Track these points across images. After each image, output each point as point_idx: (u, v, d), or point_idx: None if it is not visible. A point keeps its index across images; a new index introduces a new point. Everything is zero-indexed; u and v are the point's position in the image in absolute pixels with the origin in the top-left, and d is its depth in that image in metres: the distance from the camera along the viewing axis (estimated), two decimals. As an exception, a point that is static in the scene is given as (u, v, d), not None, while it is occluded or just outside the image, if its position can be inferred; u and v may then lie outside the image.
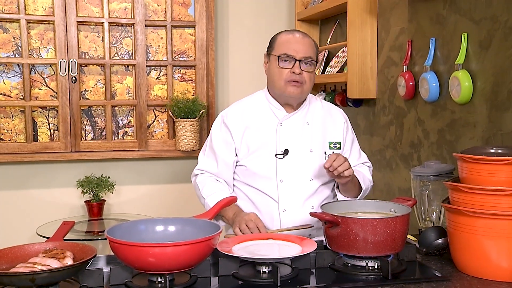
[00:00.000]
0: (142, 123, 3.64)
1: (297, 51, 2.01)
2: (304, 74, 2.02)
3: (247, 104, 2.17)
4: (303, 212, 2.04)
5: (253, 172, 2.08)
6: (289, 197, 2.05)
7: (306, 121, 2.11)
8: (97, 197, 3.47)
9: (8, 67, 3.46)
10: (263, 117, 2.11)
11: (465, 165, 1.61)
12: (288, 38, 2.05)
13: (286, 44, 2.03)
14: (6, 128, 3.49)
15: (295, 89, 2.03)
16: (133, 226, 1.64)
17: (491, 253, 1.53)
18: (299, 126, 2.09)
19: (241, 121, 2.11)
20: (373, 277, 1.57)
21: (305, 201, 2.06)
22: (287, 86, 2.03)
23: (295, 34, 2.06)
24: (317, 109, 2.16)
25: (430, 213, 1.97)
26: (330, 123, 2.16)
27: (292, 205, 2.05)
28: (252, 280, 1.54)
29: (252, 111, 2.13)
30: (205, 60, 3.70)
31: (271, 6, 3.84)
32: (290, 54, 2.01)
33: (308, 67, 2.02)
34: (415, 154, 2.55)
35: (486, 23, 2.05)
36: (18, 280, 1.36)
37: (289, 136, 2.06)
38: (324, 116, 2.16)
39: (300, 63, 2.01)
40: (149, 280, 1.50)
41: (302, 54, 2.01)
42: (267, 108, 2.12)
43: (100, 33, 3.58)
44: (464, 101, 2.15)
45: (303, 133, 2.09)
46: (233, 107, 2.18)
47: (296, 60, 2.00)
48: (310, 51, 2.03)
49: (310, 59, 2.02)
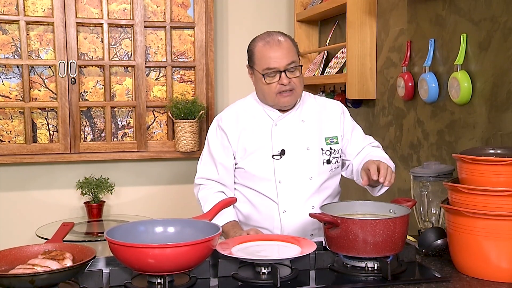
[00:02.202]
0: (141, 124, 3.64)
1: (279, 61, 1.96)
2: (293, 80, 2.00)
3: (240, 106, 2.15)
4: (304, 212, 2.03)
5: (251, 174, 2.08)
6: (289, 197, 2.05)
7: (301, 119, 2.09)
8: (97, 198, 3.47)
9: (7, 69, 3.46)
10: (258, 119, 2.10)
11: (465, 166, 1.61)
12: (266, 50, 1.98)
13: (266, 56, 1.98)
14: (6, 129, 3.49)
15: (288, 99, 2.02)
16: (133, 227, 1.64)
17: (491, 253, 1.53)
18: (294, 125, 2.08)
19: (236, 124, 2.10)
20: (373, 278, 1.57)
21: (306, 201, 2.05)
22: (279, 98, 2.02)
23: (271, 42, 1.99)
24: (312, 106, 2.14)
25: (430, 214, 1.97)
26: (325, 118, 2.12)
27: (292, 205, 2.05)
28: (251, 281, 1.54)
29: (246, 114, 2.12)
30: (205, 61, 3.70)
31: (271, 7, 3.84)
32: (273, 68, 1.97)
33: (294, 73, 1.99)
34: (415, 155, 2.55)
35: (485, 24, 2.05)
36: (18, 282, 1.36)
37: (285, 136, 2.05)
38: (319, 111, 2.13)
39: (286, 72, 1.98)
40: (148, 282, 1.50)
41: (284, 62, 1.97)
42: (261, 110, 2.11)
43: (99, 34, 3.58)
44: (463, 102, 2.15)
45: (298, 132, 2.07)
46: (227, 110, 2.17)
47: (281, 72, 1.97)
48: (291, 55, 1.99)
49: (294, 63, 1.99)
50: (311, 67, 3.51)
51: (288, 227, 2.04)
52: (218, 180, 2.13)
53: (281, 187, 2.04)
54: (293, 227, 2.03)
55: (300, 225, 2.04)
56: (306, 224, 2.04)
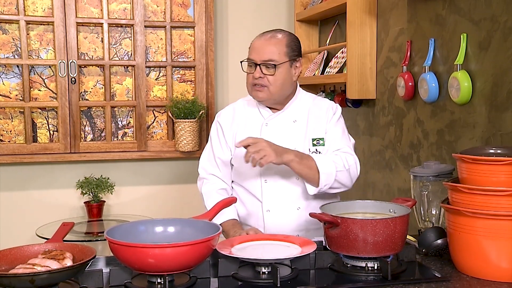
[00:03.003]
0: (141, 124, 3.64)
1: (258, 55, 2.01)
2: (268, 77, 2.01)
3: (239, 104, 2.20)
4: (288, 213, 2.04)
5: (239, 172, 2.11)
6: (274, 197, 2.05)
7: (293, 119, 2.10)
8: (97, 198, 3.47)
9: (7, 68, 3.46)
10: (251, 117, 2.13)
11: (465, 166, 1.61)
12: (254, 42, 2.05)
13: (251, 48, 2.05)
14: (6, 129, 3.49)
15: (258, 93, 2.04)
16: (133, 227, 1.64)
17: (491, 253, 1.53)
18: (285, 125, 2.08)
19: (232, 120, 2.14)
20: (373, 278, 1.57)
21: (291, 202, 2.05)
22: (252, 90, 2.05)
23: (263, 35, 2.05)
24: (306, 106, 2.12)
25: (430, 213, 1.97)
26: (315, 119, 2.09)
27: (276, 205, 2.05)
28: (251, 281, 1.54)
29: (242, 111, 2.16)
30: (205, 61, 3.70)
31: (271, 7, 3.84)
32: (251, 59, 2.03)
33: (269, 70, 2.00)
34: (415, 154, 2.55)
35: (485, 24, 2.05)
36: (18, 281, 1.36)
37: (274, 135, 2.04)
38: (312, 112, 2.11)
39: (261, 67, 2.00)
40: (148, 281, 1.50)
41: (261, 58, 2.00)
42: (255, 108, 2.14)
43: (99, 34, 3.57)
44: (463, 102, 2.15)
45: (288, 132, 2.07)
46: (227, 107, 2.22)
47: (257, 65, 2.01)
48: (272, 54, 2.00)
49: (270, 62, 2.00)
50: (311, 67, 3.51)
51: (271, 226, 2.04)
52: (220, 177, 2.16)
53: (266, 186, 2.05)
54: (276, 227, 2.02)
55: (284, 226, 2.03)
56: (290, 225, 2.04)
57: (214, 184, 2.15)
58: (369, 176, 2.99)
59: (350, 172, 2.00)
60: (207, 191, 2.15)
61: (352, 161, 2.02)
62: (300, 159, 1.92)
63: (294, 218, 2.05)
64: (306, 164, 1.93)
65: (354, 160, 2.03)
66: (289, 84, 2.06)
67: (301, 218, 2.05)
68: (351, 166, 2.00)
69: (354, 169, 2.02)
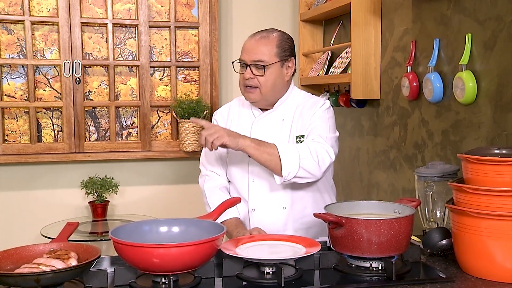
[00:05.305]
0: (146, 124, 3.65)
1: (248, 55, 2.01)
2: (258, 78, 2.00)
3: (235, 102, 2.22)
4: (273, 212, 2.04)
5: (231, 170, 2.13)
6: (259, 196, 2.06)
7: (282, 118, 2.09)
8: (101, 198, 3.48)
9: (12, 68, 3.47)
10: (243, 116, 2.14)
11: (470, 166, 1.60)
12: (245, 42, 2.05)
13: (242, 48, 2.05)
14: (11, 129, 3.50)
15: (249, 95, 2.04)
16: (137, 227, 1.64)
17: (496, 254, 1.52)
18: (273, 124, 2.08)
19: (226, 118, 2.17)
20: (377, 278, 1.57)
21: (276, 201, 2.05)
22: (244, 91, 2.06)
23: (253, 37, 2.04)
24: (295, 104, 2.10)
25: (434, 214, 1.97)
26: (300, 117, 2.06)
27: (261, 204, 2.06)
28: (256, 281, 1.54)
29: (236, 109, 2.18)
30: (209, 61, 3.70)
31: (275, 7, 3.84)
32: (242, 59, 2.03)
33: (258, 71, 2.00)
34: (419, 154, 2.54)
35: (490, 24, 2.05)
36: (23, 281, 1.37)
37: (263, 134, 2.03)
38: (300, 109, 2.08)
39: (251, 68, 2.00)
40: (153, 281, 1.50)
41: (251, 58, 2.00)
42: (248, 107, 2.15)
43: (104, 34, 3.58)
44: (468, 102, 2.14)
45: (275, 131, 2.07)
46: (224, 105, 2.26)
47: (247, 66, 2.01)
48: (261, 54, 1.99)
49: (259, 62, 1.99)
50: (316, 67, 3.50)
51: (257, 226, 2.03)
52: (220, 173, 2.18)
53: (253, 185, 2.06)
54: (262, 227, 2.01)
55: (269, 225, 2.03)
56: (276, 224, 2.04)
57: (215, 182, 2.17)
58: (374, 176, 2.98)
59: (318, 160, 1.93)
60: (208, 188, 2.16)
61: (322, 149, 1.94)
62: (258, 145, 1.89)
63: (280, 218, 2.05)
64: (265, 151, 1.89)
65: (325, 148, 1.95)
66: (281, 85, 2.06)
67: (287, 217, 2.05)
68: (320, 154, 1.93)
69: (323, 158, 1.94)
